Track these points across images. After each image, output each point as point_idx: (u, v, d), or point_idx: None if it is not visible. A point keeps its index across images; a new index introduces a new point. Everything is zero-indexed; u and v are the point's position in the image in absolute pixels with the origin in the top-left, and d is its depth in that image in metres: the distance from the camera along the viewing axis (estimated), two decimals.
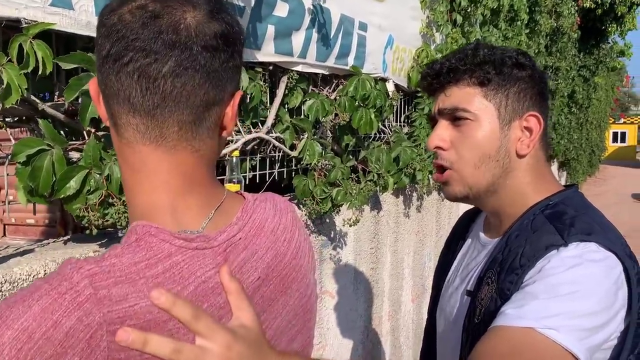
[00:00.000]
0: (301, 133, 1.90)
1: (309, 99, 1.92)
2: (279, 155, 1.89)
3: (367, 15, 2.19)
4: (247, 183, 1.72)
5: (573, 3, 5.89)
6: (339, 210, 2.10)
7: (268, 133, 1.75)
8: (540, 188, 0.94)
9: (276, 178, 1.92)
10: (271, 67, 1.74)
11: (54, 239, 1.23)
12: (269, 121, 1.75)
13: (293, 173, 1.97)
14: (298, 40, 1.77)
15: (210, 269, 0.60)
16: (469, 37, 3.02)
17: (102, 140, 1.16)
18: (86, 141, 1.15)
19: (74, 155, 1.16)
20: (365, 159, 2.35)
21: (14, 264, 1.01)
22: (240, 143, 1.61)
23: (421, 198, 3.03)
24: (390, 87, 2.45)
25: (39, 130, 1.10)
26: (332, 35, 1.94)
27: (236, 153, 1.53)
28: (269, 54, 1.67)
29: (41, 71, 1.01)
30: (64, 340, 0.50)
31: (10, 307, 0.51)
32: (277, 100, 1.79)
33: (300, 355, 0.72)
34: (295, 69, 1.83)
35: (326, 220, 2.11)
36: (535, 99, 0.94)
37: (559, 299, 0.75)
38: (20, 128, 1.21)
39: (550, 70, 5.74)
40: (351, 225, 2.11)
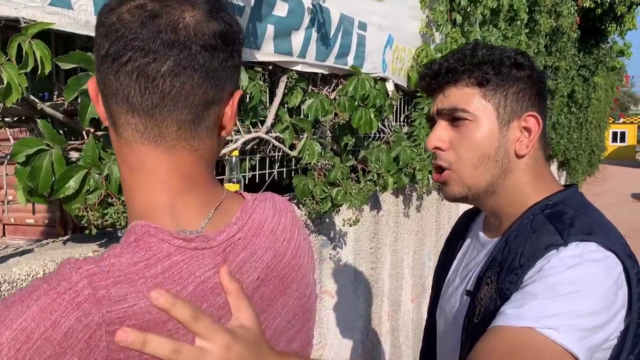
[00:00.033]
0: (301, 133, 1.90)
1: (309, 99, 1.92)
2: (278, 155, 1.89)
3: (367, 15, 2.19)
4: (247, 183, 1.72)
5: (573, 3, 5.89)
6: (339, 210, 2.10)
7: (267, 133, 1.75)
8: (540, 188, 0.93)
9: (276, 178, 1.91)
10: (271, 67, 1.74)
11: (53, 239, 1.23)
12: (269, 121, 1.75)
13: (293, 173, 1.97)
14: (297, 39, 1.77)
15: (210, 269, 0.60)
16: (468, 37, 3.02)
17: (102, 140, 1.16)
18: (85, 141, 1.15)
19: (73, 155, 1.16)
20: (365, 159, 2.35)
21: (13, 264, 1.01)
22: (240, 143, 1.61)
23: (421, 198, 3.03)
24: (390, 87, 2.45)
25: (38, 130, 1.10)
26: (332, 34, 1.94)
27: (236, 153, 1.53)
28: (269, 54, 1.67)
29: (40, 71, 1.01)
30: (63, 341, 0.50)
31: (8, 307, 0.51)
32: (277, 100, 1.79)
33: (299, 355, 0.71)
34: (294, 68, 1.83)
35: (326, 220, 2.11)
36: (534, 99, 0.93)
37: (558, 298, 0.75)
38: (19, 128, 1.21)
39: (550, 69, 5.74)
40: (351, 225, 2.11)
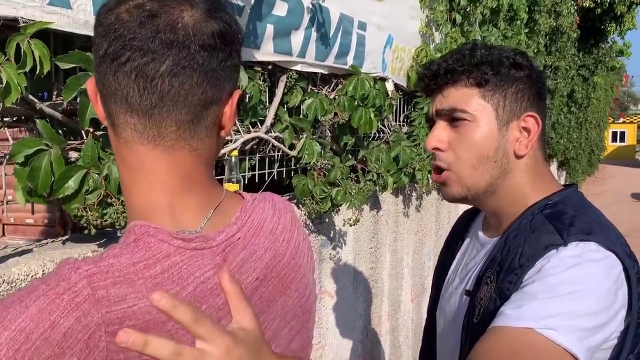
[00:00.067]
0: (300, 132, 1.90)
1: (308, 99, 1.92)
2: (278, 155, 1.89)
3: (367, 15, 2.19)
4: (246, 183, 1.72)
5: (572, 2, 5.89)
6: (339, 209, 2.09)
7: (267, 132, 1.75)
8: (539, 188, 0.93)
9: (275, 178, 1.91)
10: (270, 67, 1.74)
11: (52, 239, 1.23)
12: (268, 121, 1.75)
13: (292, 173, 1.97)
14: (297, 39, 1.77)
15: (209, 269, 0.60)
16: (468, 37, 3.02)
17: (101, 140, 1.16)
18: (84, 141, 1.14)
19: (73, 155, 1.15)
20: (365, 159, 2.35)
21: (12, 264, 1.00)
22: (239, 142, 1.61)
23: (420, 197, 3.03)
24: (390, 87, 2.44)
25: (37, 130, 1.09)
26: (331, 34, 1.94)
27: (235, 152, 1.53)
28: (268, 54, 1.67)
29: (39, 71, 1.00)
30: (62, 341, 0.50)
31: (7, 308, 0.51)
32: (276, 100, 1.79)
33: (298, 357, 0.71)
34: (294, 68, 1.83)
35: (325, 220, 2.10)
36: (533, 99, 0.93)
37: (558, 299, 0.75)
38: (19, 128, 1.21)
39: (550, 69, 5.74)
40: (351, 225, 2.11)
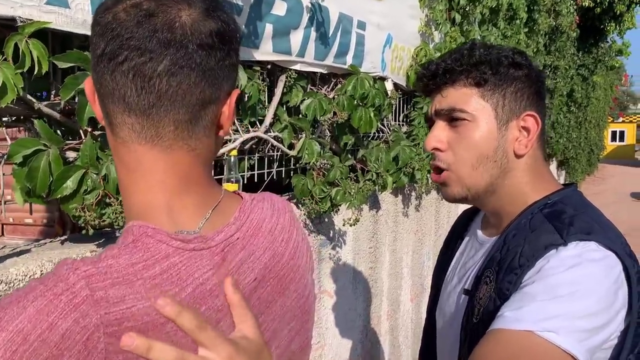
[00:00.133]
0: (299, 132, 1.90)
1: (307, 98, 1.92)
2: (277, 155, 1.89)
3: (366, 14, 2.19)
4: (246, 182, 1.72)
5: (572, 2, 5.89)
6: (338, 209, 2.09)
7: (266, 132, 1.75)
8: (539, 187, 0.93)
9: (274, 177, 1.91)
10: (269, 66, 1.73)
11: (50, 239, 1.23)
12: (267, 120, 1.75)
13: (291, 172, 1.97)
14: (296, 39, 1.77)
15: (208, 270, 0.60)
16: (467, 36, 3.01)
17: (99, 139, 1.16)
18: (83, 141, 1.14)
19: (71, 155, 1.15)
20: (364, 158, 2.34)
21: (10, 264, 1.00)
22: (239, 142, 1.61)
23: (420, 197, 3.02)
24: (389, 86, 2.44)
25: (35, 129, 1.09)
26: (331, 34, 1.94)
27: (234, 152, 1.53)
28: (267, 53, 1.67)
29: (37, 70, 1.00)
30: (60, 342, 0.50)
31: (4, 309, 0.50)
32: (276, 99, 1.79)
33: None
34: (293, 67, 1.82)
35: (325, 220, 2.10)
36: (532, 99, 0.93)
37: (558, 300, 0.74)
38: (18, 127, 1.21)
39: (549, 69, 5.74)
40: (350, 225, 2.11)
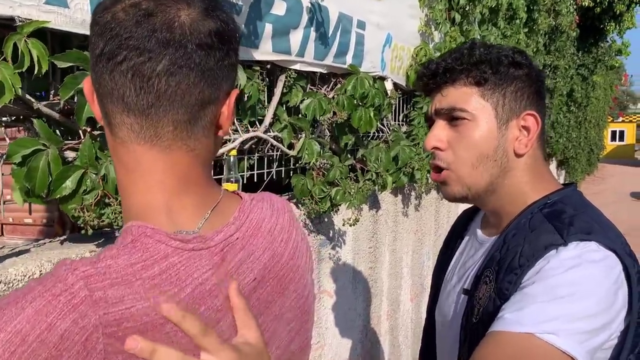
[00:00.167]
0: (299, 132, 1.90)
1: (307, 98, 1.91)
2: (277, 155, 1.89)
3: (366, 14, 2.19)
4: (245, 182, 1.71)
5: (572, 1, 5.89)
6: (338, 209, 2.09)
7: (266, 132, 1.75)
8: (539, 187, 0.93)
9: (274, 177, 1.91)
10: (269, 66, 1.73)
11: (50, 239, 1.23)
12: (267, 120, 1.74)
13: (291, 172, 1.97)
14: (296, 38, 1.77)
15: (207, 270, 0.60)
16: (467, 36, 3.01)
17: (98, 139, 1.15)
18: (82, 140, 1.14)
19: (70, 154, 1.15)
20: (364, 158, 2.34)
21: (9, 264, 1.00)
22: (238, 142, 1.60)
23: (420, 197, 3.02)
24: (389, 86, 2.44)
25: (34, 129, 1.09)
26: (330, 33, 1.93)
27: (234, 152, 1.52)
28: (267, 53, 1.67)
29: (37, 70, 1.00)
30: (59, 343, 0.50)
31: (2, 310, 0.50)
32: (275, 99, 1.78)
33: None
34: (293, 67, 1.82)
35: (325, 220, 2.10)
36: (532, 98, 0.93)
37: (557, 301, 0.74)
38: (17, 127, 1.21)
39: (549, 68, 5.73)
40: (350, 225, 2.11)
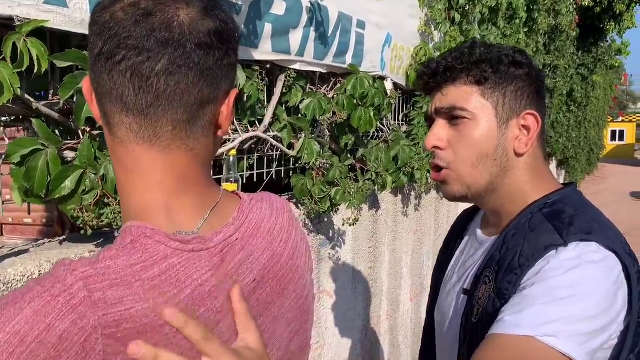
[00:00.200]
0: (299, 132, 1.90)
1: (306, 98, 1.91)
2: (276, 154, 1.88)
3: (365, 13, 2.18)
4: (245, 182, 1.71)
5: (572, 1, 5.89)
6: (337, 209, 2.09)
7: (265, 132, 1.75)
8: (539, 186, 0.93)
9: (274, 177, 1.91)
10: (268, 66, 1.73)
11: (49, 239, 1.22)
12: (267, 120, 1.74)
13: (291, 172, 1.96)
14: (295, 38, 1.76)
15: (207, 271, 0.59)
16: (467, 35, 3.01)
17: (97, 139, 1.15)
18: (81, 140, 1.14)
19: (69, 154, 1.15)
20: (364, 158, 2.34)
21: (8, 264, 1.00)
22: (238, 142, 1.60)
23: (419, 197, 3.02)
24: (389, 86, 2.44)
25: (33, 129, 1.09)
26: (330, 33, 1.93)
27: (233, 152, 1.52)
28: (266, 52, 1.66)
29: (36, 69, 1.00)
30: (58, 344, 0.49)
31: (1, 310, 0.50)
32: (275, 99, 1.78)
33: None
34: (292, 67, 1.82)
35: (324, 220, 2.10)
36: (532, 97, 0.93)
37: (557, 303, 0.74)
38: (16, 127, 1.20)
39: (549, 68, 5.73)
40: (350, 225, 2.10)
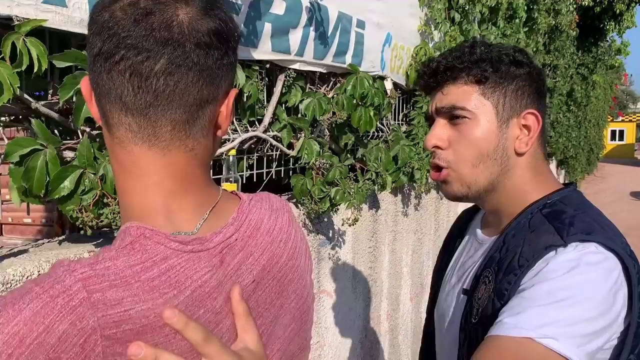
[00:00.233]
0: (299, 132, 1.89)
1: (306, 98, 1.91)
2: (276, 154, 1.88)
3: (365, 13, 2.18)
4: (244, 182, 1.71)
5: (571, 1, 5.88)
6: (337, 209, 2.09)
7: (265, 132, 1.74)
8: (539, 186, 0.93)
9: (273, 177, 1.91)
10: (268, 65, 1.73)
11: (48, 239, 1.22)
12: (266, 120, 1.74)
13: (291, 172, 1.96)
14: (295, 38, 1.76)
15: (206, 272, 0.59)
16: (467, 35, 3.01)
17: (97, 139, 1.15)
18: (80, 140, 1.14)
19: (68, 154, 1.14)
20: (364, 158, 2.34)
21: (7, 264, 0.99)
22: (237, 142, 1.60)
23: (419, 197, 3.02)
24: (389, 85, 2.44)
25: (32, 129, 1.08)
26: (330, 33, 1.93)
27: (233, 152, 1.52)
28: (266, 52, 1.66)
29: (36, 69, 0.99)
30: (57, 345, 0.49)
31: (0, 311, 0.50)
32: (274, 99, 1.78)
33: None
34: (292, 67, 1.82)
35: (324, 220, 2.10)
36: (533, 97, 0.93)
37: (556, 304, 0.74)
38: (15, 127, 1.20)
39: (549, 68, 5.73)
40: (350, 225, 2.10)
